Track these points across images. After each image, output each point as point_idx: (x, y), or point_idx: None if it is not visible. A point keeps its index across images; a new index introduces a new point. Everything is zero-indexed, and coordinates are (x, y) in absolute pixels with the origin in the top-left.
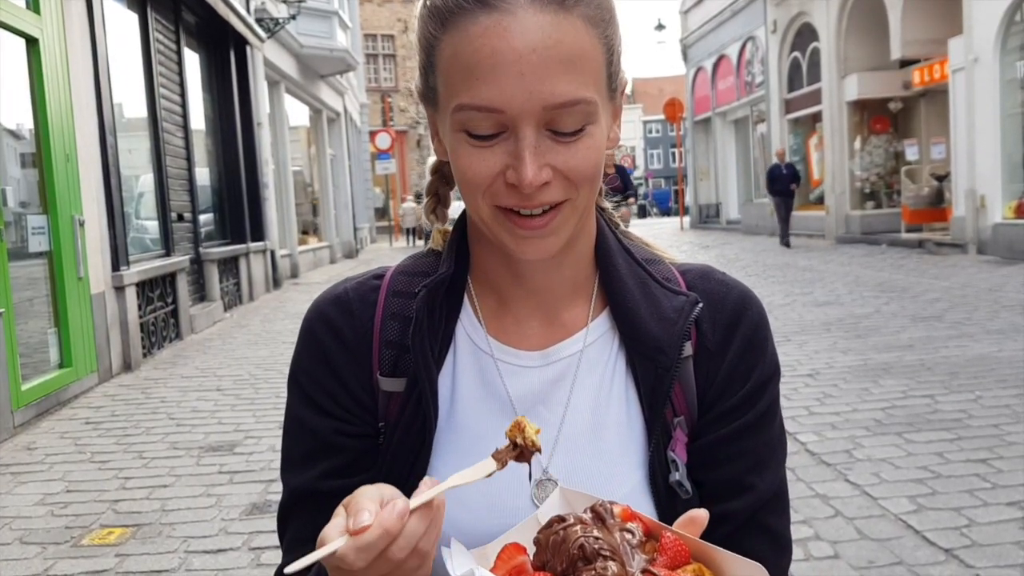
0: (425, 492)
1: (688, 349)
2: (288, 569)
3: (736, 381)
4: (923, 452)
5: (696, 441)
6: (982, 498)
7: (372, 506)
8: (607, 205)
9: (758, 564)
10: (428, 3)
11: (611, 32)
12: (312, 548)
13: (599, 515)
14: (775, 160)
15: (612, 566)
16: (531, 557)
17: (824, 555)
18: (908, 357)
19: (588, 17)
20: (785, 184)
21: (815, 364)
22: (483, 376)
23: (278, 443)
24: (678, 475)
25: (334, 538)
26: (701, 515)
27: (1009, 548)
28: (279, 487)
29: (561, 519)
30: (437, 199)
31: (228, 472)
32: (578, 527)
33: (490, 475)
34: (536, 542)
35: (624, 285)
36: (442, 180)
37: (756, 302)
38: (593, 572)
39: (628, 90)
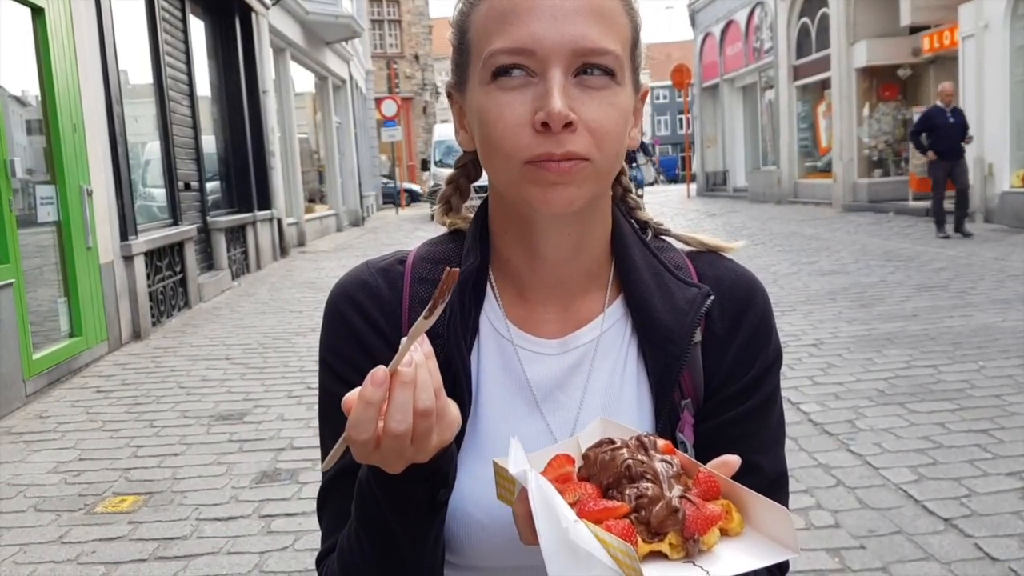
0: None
1: (697, 335)
2: (323, 466)
3: (741, 367)
4: (925, 422)
5: (702, 424)
6: (983, 468)
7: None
8: (631, 188)
9: (782, 507)
10: None
11: (636, 13)
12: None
13: (643, 444)
14: (936, 103)
15: (652, 487)
16: (577, 469)
17: (825, 524)
18: (912, 327)
19: None
20: (954, 138)
21: (819, 334)
22: (504, 362)
23: (287, 412)
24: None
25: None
26: (733, 459)
27: (1008, 518)
28: (288, 456)
29: (611, 441)
30: (457, 189)
31: (238, 441)
32: (625, 451)
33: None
34: (584, 457)
35: (639, 275)
36: (464, 175)
37: (762, 290)
38: (636, 490)
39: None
